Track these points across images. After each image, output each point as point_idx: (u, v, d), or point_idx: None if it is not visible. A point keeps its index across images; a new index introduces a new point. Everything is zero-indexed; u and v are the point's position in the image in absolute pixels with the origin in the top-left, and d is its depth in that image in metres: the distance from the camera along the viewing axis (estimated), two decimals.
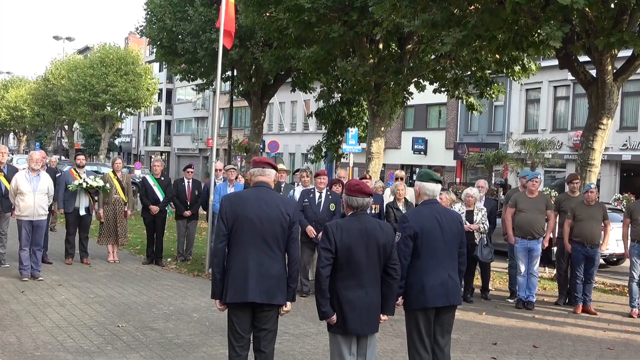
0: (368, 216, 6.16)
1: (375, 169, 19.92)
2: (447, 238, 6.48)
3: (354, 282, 5.92)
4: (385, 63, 19.22)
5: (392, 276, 6.05)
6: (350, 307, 5.89)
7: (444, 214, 6.58)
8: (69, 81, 54.36)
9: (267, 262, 5.90)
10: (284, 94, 44.33)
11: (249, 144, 29.55)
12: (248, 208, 5.94)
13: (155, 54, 30.61)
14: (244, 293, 5.82)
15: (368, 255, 5.93)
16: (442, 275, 6.39)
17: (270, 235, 5.92)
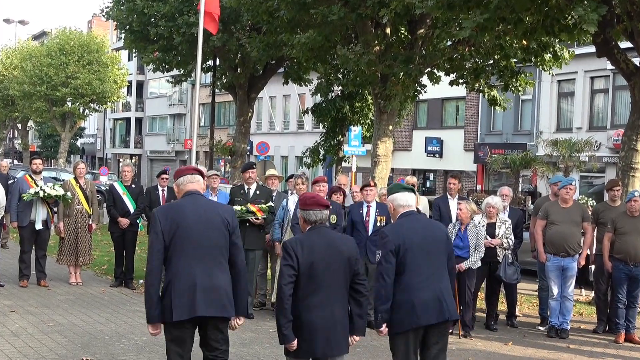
0: (329, 230, 6.67)
1: (382, 175, 19.94)
2: (433, 250, 6.89)
3: (317, 300, 6.29)
4: (393, 50, 19.25)
5: (361, 293, 6.49)
6: (314, 328, 6.25)
7: (426, 225, 7.11)
8: (23, 72, 54.30)
9: (214, 272, 6.39)
10: (274, 87, 44.34)
11: (234, 145, 29.58)
12: (187, 217, 6.41)
13: (124, 40, 30.61)
14: (191, 308, 6.24)
15: (332, 271, 6.34)
16: (434, 289, 6.78)
17: (214, 245, 6.44)
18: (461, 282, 11.80)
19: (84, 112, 56.53)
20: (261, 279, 13.42)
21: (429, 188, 44.10)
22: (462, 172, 40.16)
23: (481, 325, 12.60)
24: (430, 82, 20.65)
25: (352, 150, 27.91)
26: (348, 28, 19.63)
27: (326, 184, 12.34)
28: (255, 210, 12.29)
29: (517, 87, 20.94)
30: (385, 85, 19.24)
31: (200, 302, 6.27)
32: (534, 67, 20.76)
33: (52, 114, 54.80)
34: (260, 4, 19.65)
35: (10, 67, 61.50)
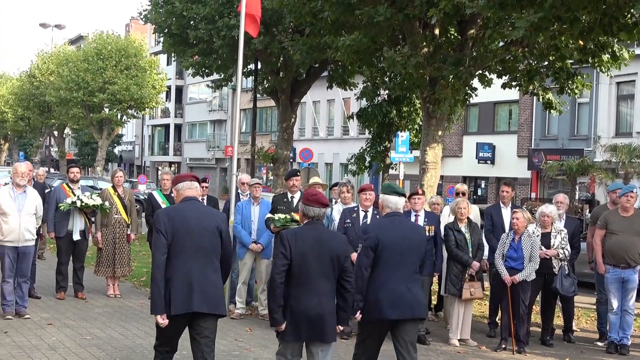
0: (323, 226, 7.76)
1: (430, 182, 19.86)
2: (408, 251, 7.97)
3: (307, 290, 7.33)
4: (442, 52, 19.19)
5: (346, 289, 7.50)
6: (302, 314, 7.28)
7: (406, 227, 8.26)
8: (59, 77, 54.99)
9: (208, 272, 7.43)
10: (318, 92, 44.45)
11: (277, 152, 29.69)
12: (186, 221, 7.45)
13: (163, 44, 30.96)
14: (188, 304, 7.27)
15: (321, 264, 7.37)
16: (400, 288, 7.83)
17: (209, 246, 7.48)
18: (515, 294, 11.73)
19: (121, 119, 57.10)
20: None
21: (481, 196, 43.85)
22: (515, 179, 39.87)
23: (536, 341, 12.51)
24: (481, 85, 20.53)
25: (400, 156, 27.82)
26: (395, 29, 19.60)
27: (373, 192, 12.31)
28: (300, 219, 12.30)
29: (574, 89, 20.74)
30: (434, 89, 19.18)
31: (196, 299, 7.28)
32: (591, 69, 20.55)
33: (89, 121, 55.43)
34: (303, 5, 19.71)
35: (46, 73, 62.40)
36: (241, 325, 12.64)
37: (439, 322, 13.91)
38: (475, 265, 12.14)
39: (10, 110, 72.52)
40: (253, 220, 13.41)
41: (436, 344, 12.19)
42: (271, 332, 10.01)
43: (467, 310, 12.35)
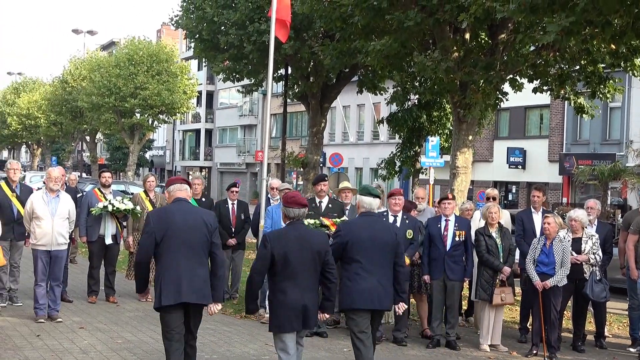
0: (303, 225, 8.46)
1: (461, 187, 19.81)
2: (379, 248, 8.73)
3: (290, 284, 8.05)
4: (473, 57, 19.14)
5: (329, 280, 8.29)
6: (288, 307, 8.03)
7: (377, 227, 8.95)
8: (91, 83, 55.41)
9: (196, 267, 8.19)
10: (348, 96, 44.41)
11: (307, 157, 29.70)
12: (176, 221, 8.20)
13: (194, 49, 31.06)
14: (178, 295, 8.08)
15: (303, 260, 8.08)
16: (371, 281, 8.63)
17: (196, 243, 8.23)
18: (546, 300, 11.67)
19: (152, 124, 57.41)
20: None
21: (512, 201, 43.63)
22: (546, 184, 39.65)
23: (568, 346, 12.43)
24: (512, 89, 20.46)
25: (430, 161, 27.77)
26: (425, 34, 19.57)
27: (402, 197, 12.31)
28: (329, 224, 12.30)
29: (606, 93, 20.60)
30: (465, 94, 19.13)
31: (185, 291, 8.08)
32: (624, 73, 20.41)
33: (121, 126, 55.78)
34: (333, 10, 19.73)
35: (78, 78, 62.92)
36: None
37: (470, 328, 13.86)
38: (506, 271, 12.09)
39: (43, 116, 73.20)
40: (283, 224, 13.39)
41: (466, 349, 12.15)
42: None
43: (497, 316, 12.29)
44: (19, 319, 12.49)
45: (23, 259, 13.97)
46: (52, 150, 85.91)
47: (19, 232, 13.28)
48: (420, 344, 12.32)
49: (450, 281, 12.17)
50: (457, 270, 12.18)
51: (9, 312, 13.04)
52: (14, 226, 13.26)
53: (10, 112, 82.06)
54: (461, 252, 12.23)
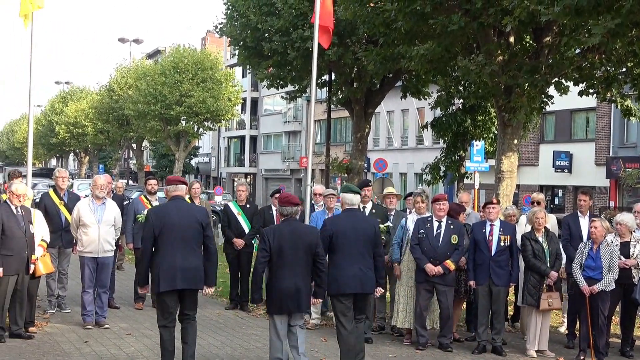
0: (297, 221, 9.73)
1: (506, 192, 19.65)
2: (360, 240, 9.96)
3: (285, 273, 9.32)
4: (517, 60, 19.00)
5: (320, 269, 9.53)
6: (282, 292, 9.31)
7: (359, 220, 10.21)
8: (137, 91, 55.90)
9: (189, 257, 9.35)
10: (392, 102, 44.36)
11: (351, 162, 29.66)
12: (171, 217, 9.39)
13: (238, 56, 31.17)
14: (173, 282, 9.28)
15: (296, 252, 9.34)
16: (354, 269, 9.85)
17: (190, 237, 9.42)
18: (594, 305, 11.53)
19: (198, 131, 57.74)
20: (380, 302, 13.36)
21: (558, 205, 43.24)
22: (593, 187, 39.26)
23: (615, 352, 12.26)
24: (557, 92, 20.26)
25: (475, 166, 27.59)
26: (469, 38, 19.47)
27: (446, 202, 12.24)
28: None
29: None
30: (510, 97, 19.00)
31: (179, 278, 9.28)
32: None
33: (167, 133, 56.17)
34: (376, 15, 19.69)
35: (125, 87, 63.54)
36: (316, 335, 12.63)
37: (516, 333, 13.72)
38: (554, 276, 11.96)
39: (91, 124, 74.05)
40: None
41: (513, 355, 12.04)
42: None
43: (544, 321, 12.17)
44: (67, 326, 12.62)
45: (71, 266, 14.13)
46: (99, 158, 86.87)
47: (67, 240, 13.43)
48: (466, 349, 12.24)
49: (496, 286, 12.07)
50: (502, 275, 12.08)
51: (58, 318, 13.20)
52: (62, 234, 13.44)
53: (58, 120, 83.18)
54: (506, 257, 12.12)
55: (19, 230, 11.37)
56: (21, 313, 11.61)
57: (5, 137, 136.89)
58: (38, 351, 10.87)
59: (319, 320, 13.52)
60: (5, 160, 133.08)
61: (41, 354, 10.74)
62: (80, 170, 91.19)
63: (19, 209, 11.52)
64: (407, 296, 12.42)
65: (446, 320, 12.09)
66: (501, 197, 18.83)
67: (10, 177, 13.84)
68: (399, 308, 12.47)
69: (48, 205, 13.53)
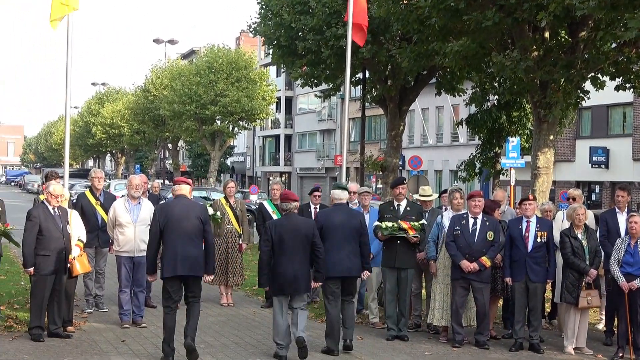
0: (296, 215, 11.14)
1: (542, 188, 19.53)
2: (347, 230, 11.37)
3: (285, 260, 10.75)
4: (553, 55, 18.88)
5: (317, 257, 10.93)
6: (283, 277, 10.74)
7: (346, 214, 11.63)
8: (172, 91, 56.10)
9: (188, 248, 10.52)
10: (427, 99, 44.19)
11: (386, 160, 29.59)
12: (174, 213, 10.63)
13: (272, 55, 31.21)
14: (174, 269, 10.47)
15: (295, 242, 10.77)
16: (341, 256, 11.23)
17: (190, 230, 10.57)
18: (632, 301, 11.42)
19: (233, 130, 57.85)
20: (415, 299, 13.32)
21: (595, 201, 42.82)
22: (631, 183, 38.83)
23: None
24: (593, 87, 20.11)
25: (510, 162, 27.37)
26: (504, 34, 19.37)
27: (482, 198, 12.18)
28: (407, 228, 12.21)
29: None
30: (545, 93, 18.88)
31: (180, 266, 10.45)
32: None
33: (202, 133, 56.34)
34: (410, 12, 19.64)
35: (160, 87, 63.82)
36: None
37: (553, 330, 13.61)
38: (593, 273, 11.85)
39: (127, 125, 74.48)
40: None
41: (551, 352, 11.94)
42: (382, 339, 12.29)
43: (582, 318, 12.05)
44: (104, 325, 12.71)
45: (107, 266, 14.22)
46: (135, 158, 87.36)
47: (104, 240, 13.52)
48: (503, 346, 12.15)
49: (533, 283, 11.98)
50: (539, 271, 11.99)
51: (95, 317, 13.29)
52: (98, 233, 13.53)
53: (94, 121, 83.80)
54: (543, 254, 12.03)
55: (57, 231, 11.47)
56: (59, 312, 11.70)
57: (42, 138, 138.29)
58: (76, 350, 10.96)
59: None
60: (43, 162, 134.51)
61: (79, 353, 10.82)
62: (117, 171, 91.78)
63: (57, 209, 11.61)
64: (444, 293, 12.37)
65: (482, 318, 12.02)
66: (537, 194, 18.72)
67: (47, 178, 13.93)
68: (435, 305, 12.42)
69: (84, 206, 13.63)
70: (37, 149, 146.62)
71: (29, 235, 11.36)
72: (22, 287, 15.94)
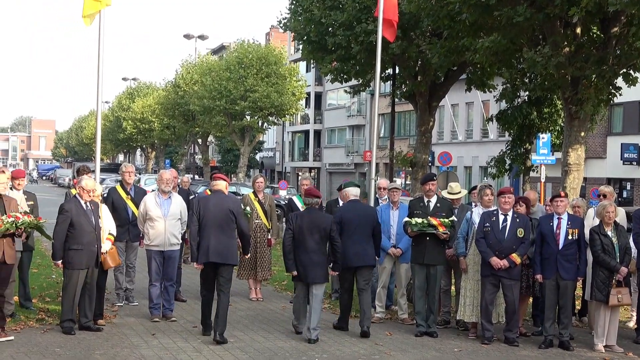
0: (316, 210, 12.06)
1: (573, 185, 19.43)
2: (362, 224, 12.29)
3: (304, 250, 11.74)
4: (584, 51, 18.77)
5: (334, 248, 11.87)
6: (302, 266, 11.75)
7: (360, 209, 12.65)
8: (202, 87, 56.25)
9: (220, 237, 11.51)
10: (456, 95, 44.03)
11: (415, 156, 29.52)
12: (209, 205, 11.71)
13: (302, 51, 31.25)
14: (207, 256, 11.46)
15: (313, 234, 11.76)
16: (357, 247, 12.17)
17: (223, 221, 11.59)
18: None
19: (262, 126, 57.94)
20: (445, 296, 13.30)
21: (626, 198, 42.50)
22: None
23: None
24: (625, 84, 19.97)
25: (541, 159, 27.22)
26: (535, 29, 19.29)
27: (512, 195, 12.13)
28: (437, 224, 12.19)
29: None
30: (577, 89, 18.77)
31: (212, 254, 11.44)
32: None
33: (232, 128, 56.46)
34: (441, 8, 19.60)
35: (190, 82, 63.98)
36: (381, 329, 12.61)
37: (583, 328, 13.54)
38: (623, 271, 11.76)
39: (157, 120, 74.76)
40: (392, 224, 13.38)
41: (580, 349, 11.87)
42: (411, 335, 12.39)
43: (613, 316, 11.97)
44: (135, 318, 12.80)
45: (138, 259, 14.30)
46: (165, 153, 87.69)
47: (134, 234, 13.60)
48: (533, 344, 12.10)
49: (563, 280, 11.91)
50: (570, 269, 11.92)
51: (126, 311, 13.39)
52: (129, 227, 13.62)
53: (125, 116, 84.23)
54: (574, 251, 11.95)
55: (89, 225, 11.56)
56: (90, 306, 11.80)
57: (74, 133, 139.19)
58: (106, 343, 11.04)
59: (383, 314, 13.49)
60: (74, 156, 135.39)
61: (109, 346, 10.91)
62: (147, 166, 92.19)
63: (89, 204, 11.70)
64: (474, 290, 12.34)
65: (512, 315, 11.97)
66: (568, 190, 18.64)
67: (79, 173, 14.05)
68: (466, 302, 12.39)
69: (115, 200, 13.73)
70: (69, 143, 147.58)
71: (60, 229, 11.47)
72: (53, 281, 16.10)
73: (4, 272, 11.07)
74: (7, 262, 11.00)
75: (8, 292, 11.56)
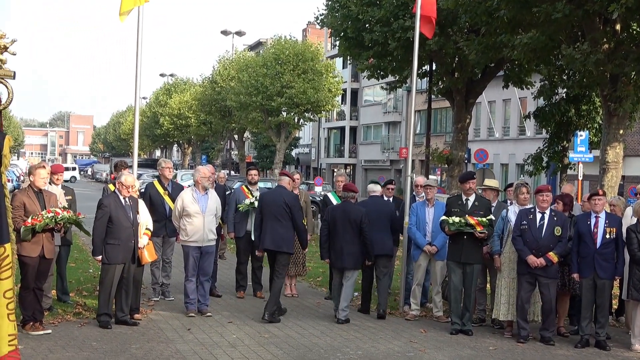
0: (350, 203, 13.16)
1: (611, 183, 19.26)
2: (380, 217, 13.39)
3: (337, 239, 12.90)
4: (624, 48, 18.60)
5: (365, 239, 12.87)
6: (335, 253, 12.98)
7: (380, 203, 13.85)
8: (239, 83, 56.39)
9: (276, 227, 12.82)
10: (494, 91, 43.83)
11: (451, 153, 29.45)
12: (270, 199, 13.09)
13: (339, 47, 31.25)
14: (264, 243, 12.91)
15: (344, 226, 12.87)
16: (375, 238, 13.10)
17: (279, 213, 12.82)
18: None
19: (298, 122, 57.99)
20: (480, 294, 13.24)
21: None
22: None
23: None
24: None
25: (578, 156, 27.05)
26: (574, 26, 19.14)
27: (550, 193, 12.04)
28: (474, 224, 12.14)
29: None
30: (616, 86, 18.61)
31: (268, 242, 12.86)
32: None
33: (268, 124, 56.56)
34: (479, 4, 19.52)
35: (227, 78, 64.19)
36: (415, 327, 12.60)
37: (620, 327, 13.43)
38: None
39: (194, 115, 75.11)
40: (428, 222, 13.35)
41: (617, 349, 11.77)
42: (446, 333, 12.33)
43: None
44: (170, 313, 12.88)
45: (174, 255, 14.39)
46: (202, 148, 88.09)
47: (171, 229, 13.67)
48: (569, 343, 12.02)
49: (601, 279, 11.81)
50: (607, 268, 11.81)
51: (162, 306, 13.47)
52: (166, 223, 13.69)
53: (162, 112, 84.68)
54: (612, 250, 11.84)
55: (127, 220, 11.65)
56: (127, 300, 11.90)
57: (111, 128, 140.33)
58: (142, 338, 11.13)
59: (418, 311, 13.47)
60: (112, 151, 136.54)
61: (145, 340, 10.99)
62: (184, 161, 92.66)
63: (127, 199, 11.79)
64: (510, 288, 12.26)
65: (548, 313, 11.90)
66: (606, 189, 18.49)
67: (117, 168, 14.15)
68: (501, 300, 12.33)
69: (153, 195, 13.82)
70: (106, 139, 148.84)
71: (100, 224, 11.57)
72: (90, 275, 16.25)
73: (44, 266, 11.21)
74: (46, 257, 11.16)
75: (46, 286, 11.72)
